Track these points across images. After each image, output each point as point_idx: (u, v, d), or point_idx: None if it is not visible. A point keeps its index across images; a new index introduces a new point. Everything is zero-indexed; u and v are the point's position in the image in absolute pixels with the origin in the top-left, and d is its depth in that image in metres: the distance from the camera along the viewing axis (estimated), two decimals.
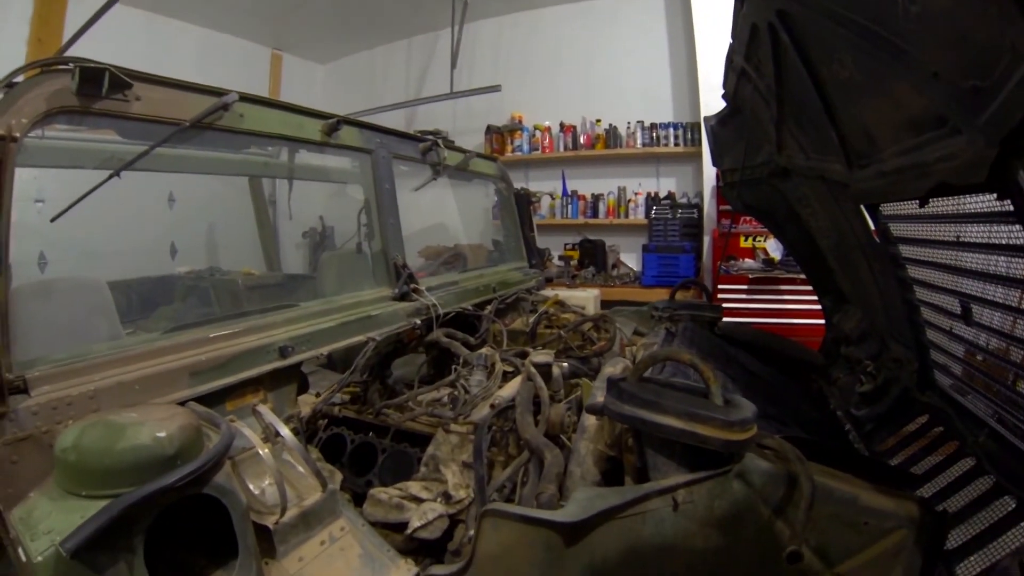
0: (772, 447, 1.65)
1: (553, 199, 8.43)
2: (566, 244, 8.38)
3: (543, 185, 8.47)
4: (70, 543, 1.42)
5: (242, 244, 5.84)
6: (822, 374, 3.38)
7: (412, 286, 3.21)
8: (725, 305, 5.96)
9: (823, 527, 1.59)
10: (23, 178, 2.50)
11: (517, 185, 5.31)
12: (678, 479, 1.69)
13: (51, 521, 1.56)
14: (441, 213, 5.21)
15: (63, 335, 2.35)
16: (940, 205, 1.86)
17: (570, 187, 8.38)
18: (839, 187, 2.31)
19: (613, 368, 2.53)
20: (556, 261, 8.30)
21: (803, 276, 4.82)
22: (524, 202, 5.10)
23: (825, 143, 2.16)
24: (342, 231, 5.64)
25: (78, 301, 2.72)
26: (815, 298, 3.84)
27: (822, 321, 3.68)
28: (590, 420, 2.20)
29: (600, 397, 2.09)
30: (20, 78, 1.96)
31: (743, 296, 6.19)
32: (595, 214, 8.20)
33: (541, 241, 5.05)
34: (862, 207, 2.34)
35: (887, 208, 2.23)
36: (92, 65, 1.98)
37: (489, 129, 8.68)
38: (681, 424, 1.65)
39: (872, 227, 2.39)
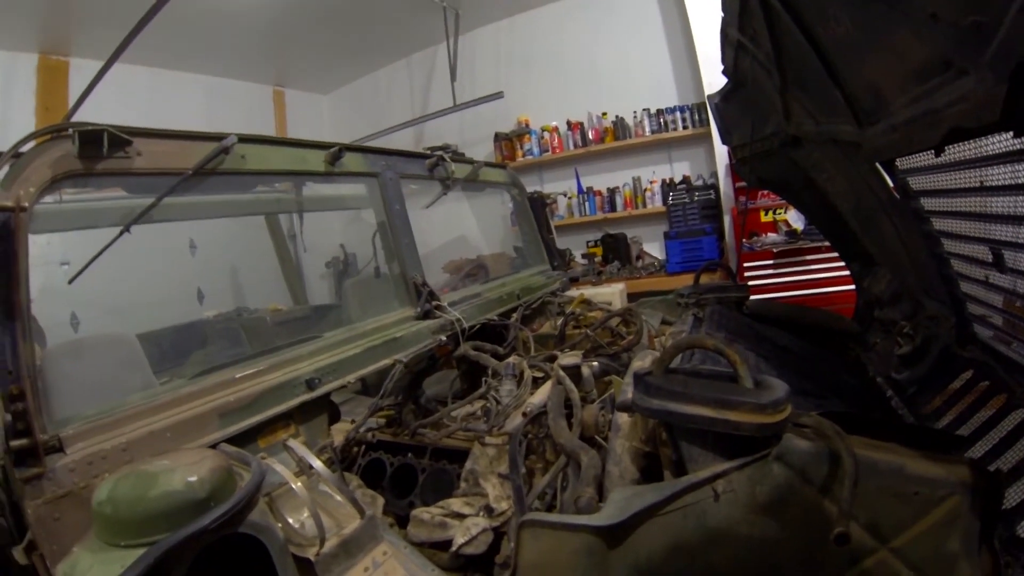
0: (809, 425, 1.59)
1: (569, 198, 8.38)
2: (588, 241, 8.33)
3: (558, 185, 8.44)
4: None
5: (267, 281, 5.90)
6: (858, 341, 3.30)
7: (434, 303, 3.21)
8: (753, 282, 5.91)
9: (871, 502, 1.52)
10: (47, 243, 2.55)
11: (532, 188, 5.30)
12: (715, 469, 1.64)
13: (93, 574, 1.58)
14: (460, 226, 5.22)
15: (95, 391, 2.39)
16: (958, 151, 1.81)
17: (585, 184, 8.34)
18: (852, 148, 2.24)
19: (641, 362, 2.49)
20: (580, 260, 8.23)
21: (828, 243, 4.73)
22: (539, 205, 5.08)
23: (832, 105, 2.10)
24: (364, 256, 5.66)
25: (109, 356, 2.77)
26: (843, 264, 3.75)
27: (852, 287, 3.59)
28: (623, 418, 2.16)
29: (630, 394, 2.04)
30: (30, 144, 2.01)
31: (770, 271, 6.10)
32: (613, 208, 8.13)
33: (563, 241, 5.02)
34: (877, 165, 2.28)
35: (903, 162, 2.17)
36: (90, 128, 2.02)
37: (497, 136, 8.65)
38: (711, 412, 1.60)
39: (890, 184, 2.33)
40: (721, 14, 2.83)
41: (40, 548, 1.73)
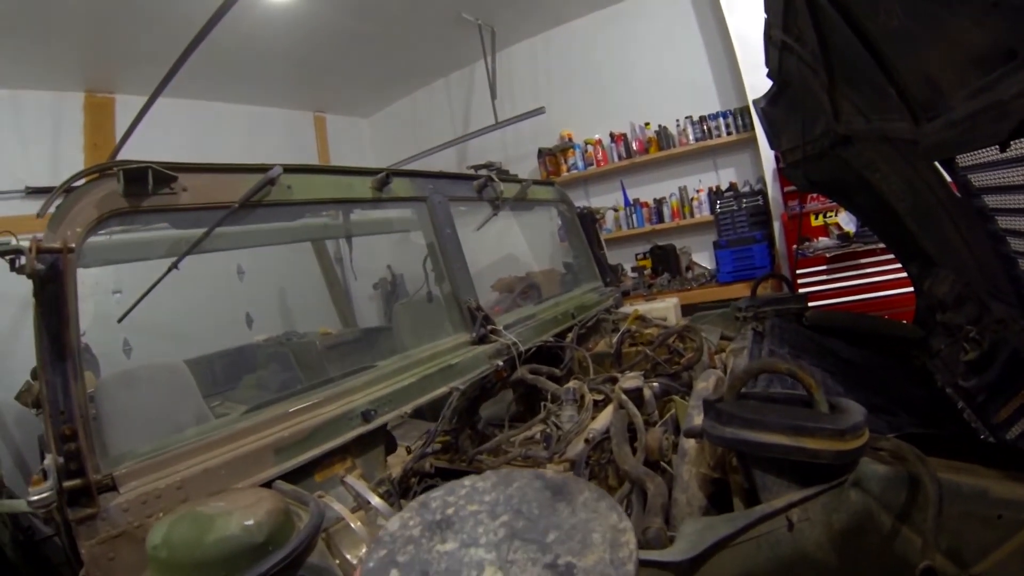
0: (887, 448, 1.52)
1: (616, 211, 8.31)
2: (637, 254, 8.27)
3: (605, 199, 8.38)
4: None
5: (315, 305, 5.95)
6: (922, 347, 3.17)
7: (489, 327, 3.16)
8: (807, 289, 5.77)
9: (953, 527, 1.44)
10: (99, 273, 2.56)
11: (579, 203, 5.25)
12: (791, 497, 1.58)
13: None
14: (508, 244, 5.20)
15: (148, 424, 2.40)
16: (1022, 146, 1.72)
17: (631, 196, 8.26)
18: (907, 145, 2.16)
19: (706, 383, 2.42)
20: (630, 273, 8.18)
21: (883, 246, 4.58)
22: (589, 221, 5.02)
23: (884, 101, 2.01)
24: (411, 276, 5.68)
25: (161, 386, 2.79)
26: (900, 266, 3.62)
27: (911, 289, 3.45)
28: (690, 443, 2.09)
29: (697, 419, 1.98)
30: (79, 183, 2.02)
31: (824, 277, 5.93)
32: (660, 219, 8.04)
33: (611, 255, 4.98)
34: (936, 163, 2.19)
35: (963, 159, 2.07)
36: (135, 166, 2.03)
37: (541, 152, 8.62)
38: (788, 440, 1.53)
39: (950, 181, 2.24)
40: (763, 15, 2.76)
41: None
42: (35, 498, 1.69)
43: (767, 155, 6.79)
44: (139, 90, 5.79)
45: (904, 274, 3.57)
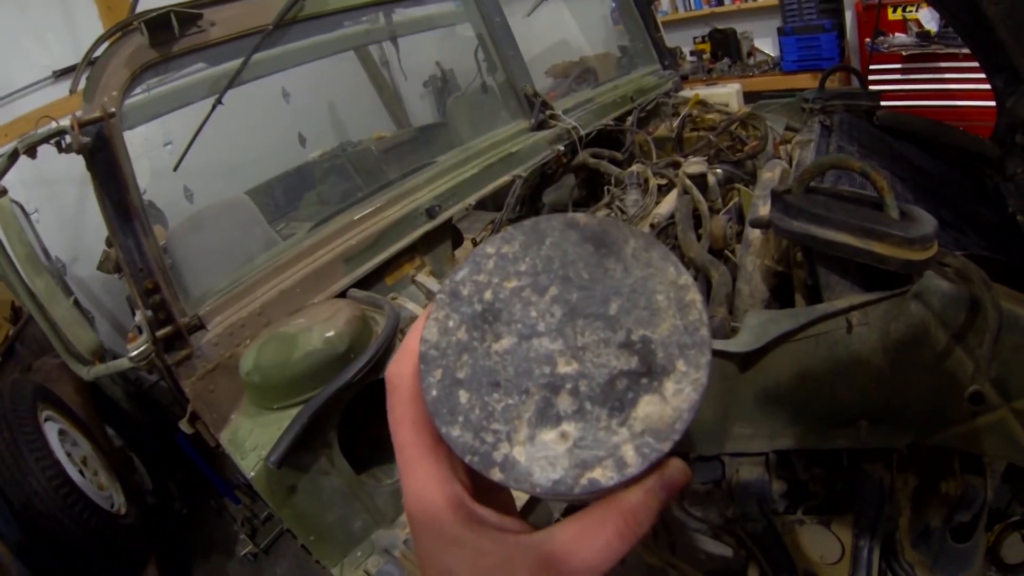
0: (954, 265, 1.50)
1: None
2: (695, 38, 7.83)
3: None
4: (274, 456, 1.56)
5: (367, 112, 5.86)
6: (997, 168, 3.03)
7: (548, 113, 3.12)
8: (878, 87, 5.41)
9: (1004, 358, 1.44)
10: (147, 131, 2.56)
11: None
12: (852, 300, 1.60)
13: (254, 438, 1.73)
14: (560, 29, 4.99)
15: (222, 262, 2.50)
16: None
17: None
18: None
19: (771, 173, 2.37)
20: (688, 57, 7.75)
21: (966, 51, 4.27)
22: (644, 2, 4.77)
23: None
24: (461, 71, 5.52)
25: (227, 222, 2.87)
26: (982, 76, 3.38)
27: (992, 103, 3.25)
28: (754, 234, 2.08)
29: (763, 209, 1.96)
30: (103, 48, 1.99)
31: (897, 76, 5.57)
32: (720, 1, 7.53)
33: (668, 39, 4.73)
34: None
35: None
36: (155, 14, 1.98)
37: None
38: (856, 242, 1.51)
39: None
40: None
41: (202, 418, 1.90)
42: (134, 353, 1.84)
43: None
44: None
45: (986, 86, 3.33)
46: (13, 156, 1.78)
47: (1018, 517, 1.78)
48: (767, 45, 7.44)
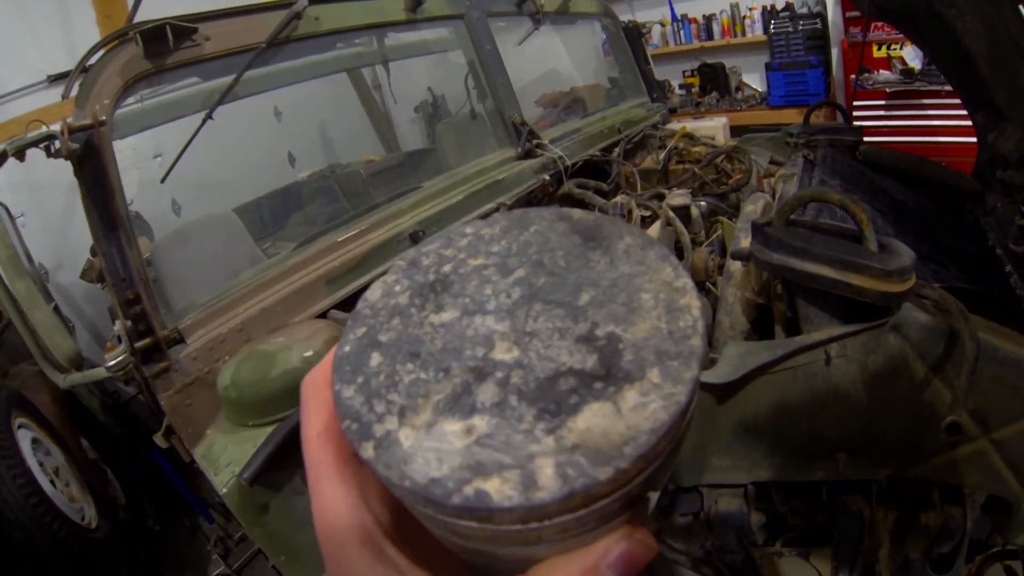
0: (931, 297, 1.53)
1: (663, 26, 7.92)
2: (684, 71, 7.96)
3: (651, 14, 7.95)
4: (247, 473, 1.55)
5: (357, 134, 5.87)
6: (978, 202, 3.07)
7: (535, 142, 3.14)
8: (863, 123, 5.50)
9: (983, 389, 1.46)
10: (137, 141, 2.57)
11: (623, 17, 5.03)
12: (831, 332, 1.62)
13: (228, 454, 1.73)
14: (551, 59, 5.03)
15: (205, 277, 2.50)
16: None
17: (679, 11, 7.82)
18: None
19: (754, 206, 2.40)
20: (677, 90, 7.89)
21: (949, 88, 4.34)
22: (634, 35, 4.82)
23: None
24: (452, 97, 5.56)
25: (213, 237, 2.87)
26: (964, 112, 3.44)
27: (973, 139, 3.30)
28: (735, 266, 2.10)
29: (744, 241, 1.99)
30: (98, 55, 2.01)
31: (881, 112, 5.68)
32: (710, 36, 7.66)
33: (658, 71, 4.80)
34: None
35: None
36: (151, 26, 2.00)
37: None
38: (834, 274, 1.53)
39: None
40: None
41: (177, 432, 1.88)
42: (112, 363, 1.82)
43: None
44: None
45: (967, 122, 3.38)
46: (1, 158, 1.77)
47: (999, 548, 1.78)
48: (755, 80, 7.57)
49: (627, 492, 0.32)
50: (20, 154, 1.75)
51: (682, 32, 7.82)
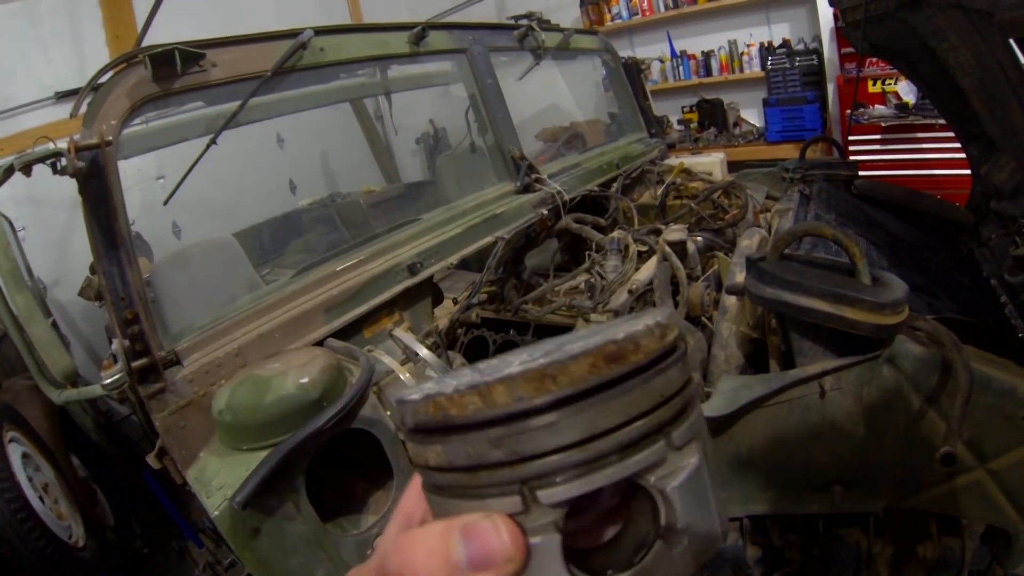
0: (925, 329, 1.53)
1: (663, 63, 7.98)
2: (683, 107, 8.01)
3: (650, 50, 8.00)
4: (239, 497, 1.54)
5: (358, 164, 5.92)
6: (972, 234, 3.09)
7: (534, 176, 3.16)
8: (858, 157, 5.54)
9: (978, 419, 1.47)
10: (141, 162, 2.59)
11: (623, 53, 5.09)
12: (825, 365, 1.62)
13: (221, 477, 1.72)
14: (551, 94, 5.08)
15: (203, 298, 2.51)
16: None
17: (678, 48, 7.90)
18: (982, 16, 2.04)
19: (749, 241, 2.43)
20: (676, 126, 7.95)
21: (942, 121, 4.39)
22: (634, 71, 4.88)
23: None
24: (453, 130, 5.61)
25: (212, 261, 2.90)
26: (958, 146, 3.48)
27: (967, 172, 3.33)
28: (730, 300, 2.12)
29: (739, 276, 1.99)
30: (107, 76, 2.03)
31: (877, 147, 5.70)
32: (708, 72, 7.72)
33: (657, 107, 4.86)
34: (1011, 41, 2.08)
35: None
36: (160, 50, 2.02)
37: (583, 1, 8.21)
38: (828, 307, 1.54)
39: None
40: None
41: (171, 453, 1.88)
42: (107, 381, 1.83)
43: (824, 12, 6.36)
44: None
45: (961, 155, 3.41)
46: (8, 171, 1.78)
47: None
48: (753, 115, 7.63)
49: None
50: (27, 169, 1.76)
51: (681, 68, 7.88)
